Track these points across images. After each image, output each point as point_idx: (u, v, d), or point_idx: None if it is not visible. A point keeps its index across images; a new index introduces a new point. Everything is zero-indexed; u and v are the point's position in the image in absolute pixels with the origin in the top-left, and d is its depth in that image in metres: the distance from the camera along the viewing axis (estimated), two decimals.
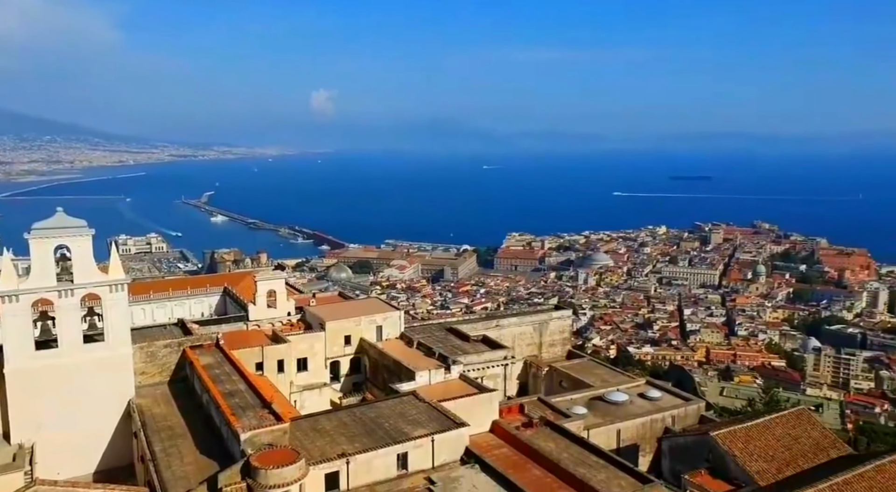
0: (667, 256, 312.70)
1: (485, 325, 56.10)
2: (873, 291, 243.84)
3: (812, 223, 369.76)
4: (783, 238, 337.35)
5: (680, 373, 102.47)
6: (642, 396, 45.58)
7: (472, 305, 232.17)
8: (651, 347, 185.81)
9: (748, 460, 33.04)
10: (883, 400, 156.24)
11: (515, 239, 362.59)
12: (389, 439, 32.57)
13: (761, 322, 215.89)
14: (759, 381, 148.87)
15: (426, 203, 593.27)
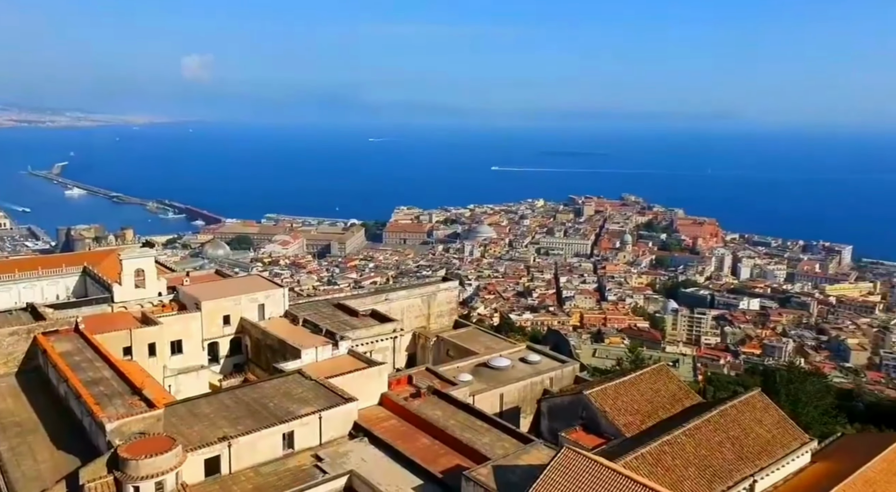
0: (545, 227, 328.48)
1: (374, 299, 55.91)
2: (720, 257, 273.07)
3: (671, 195, 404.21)
4: (647, 209, 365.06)
5: (557, 337, 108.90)
6: (523, 360, 47.88)
7: (360, 279, 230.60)
8: (531, 314, 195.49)
9: (617, 415, 35.94)
10: (726, 353, 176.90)
11: (404, 213, 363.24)
12: (274, 418, 31.71)
13: (628, 287, 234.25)
14: (627, 341, 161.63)
15: (310, 176, 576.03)
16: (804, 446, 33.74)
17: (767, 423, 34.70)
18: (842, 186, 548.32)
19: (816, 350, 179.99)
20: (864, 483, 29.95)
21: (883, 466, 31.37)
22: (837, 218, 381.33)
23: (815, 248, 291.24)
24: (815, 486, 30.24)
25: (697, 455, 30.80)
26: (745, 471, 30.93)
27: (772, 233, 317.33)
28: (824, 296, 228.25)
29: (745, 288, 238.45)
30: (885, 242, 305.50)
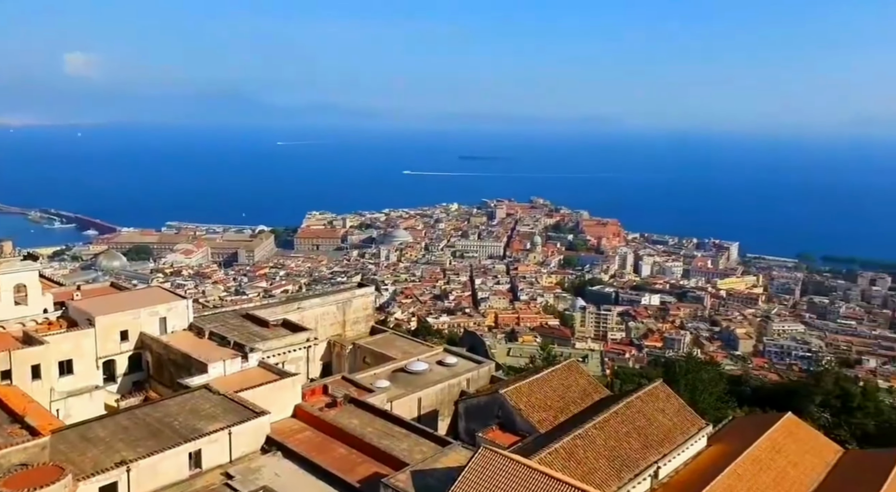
0: (459, 230, 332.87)
1: (285, 308, 54.14)
2: (623, 255, 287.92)
3: (577, 198, 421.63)
4: (555, 211, 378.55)
5: (473, 338, 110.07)
6: (440, 363, 48.10)
7: (271, 288, 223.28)
8: (447, 317, 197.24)
9: (531, 412, 36.89)
10: (631, 347, 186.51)
11: (316, 218, 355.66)
12: (179, 438, 29.92)
13: (539, 287, 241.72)
14: (539, 339, 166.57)
15: (215, 182, 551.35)
16: (701, 431, 36.13)
17: (669, 411, 36.87)
18: (728, 187, 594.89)
19: (710, 340, 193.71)
20: (753, 461, 32.51)
21: (768, 444, 34.21)
22: (725, 216, 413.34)
23: (707, 245, 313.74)
24: (712, 467, 32.43)
25: (607, 447, 32.19)
26: (650, 458, 32.67)
27: (668, 232, 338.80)
28: (716, 290, 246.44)
29: (647, 284, 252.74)
30: (766, 238, 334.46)
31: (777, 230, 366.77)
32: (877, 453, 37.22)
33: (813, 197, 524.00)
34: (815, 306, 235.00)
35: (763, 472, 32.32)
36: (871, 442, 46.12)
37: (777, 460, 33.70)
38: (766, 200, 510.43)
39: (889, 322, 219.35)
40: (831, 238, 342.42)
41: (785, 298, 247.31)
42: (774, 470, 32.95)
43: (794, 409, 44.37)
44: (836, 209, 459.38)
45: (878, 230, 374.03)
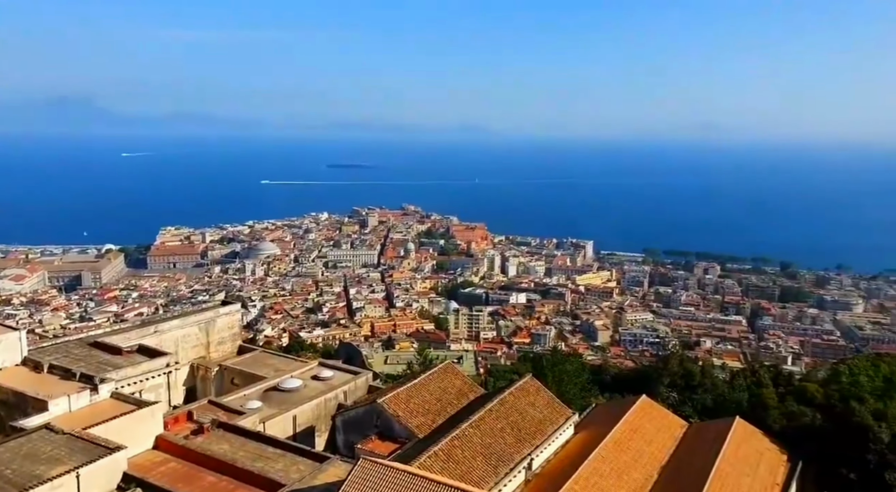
0: (331, 240, 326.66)
1: (140, 333, 49.64)
2: (491, 258, 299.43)
3: (446, 204, 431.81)
4: (426, 218, 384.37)
5: (349, 349, 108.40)
6: (316, 378, 46.76)
7: (122, 312, 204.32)
8: (322, 330, 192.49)
9: (409, 418, 37.03)
10: (502, 345, 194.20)
11: (171, 234, 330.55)
12: (12, 488, 26.27)
13: (414, 293, 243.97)
14: (415, 345, 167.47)
15: (50, 198, 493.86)
16: (569, 421, 38.45)
17: (539, 404, 38.81)
18: (584, 189, 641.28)
19: (573, 334, 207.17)
20: (615, 443, 35.21)
21: (626, 426, 37.24)
22: (581, 217, 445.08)
23: (566, 244, 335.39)
24: (579, 453, 34.64)
25: (483, 444, 33.17)
26: (524, 451, 34.16)
27: (531, 233, 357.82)
28: (575, 286, 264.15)
29: (514, 284, 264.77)
30: (617, 236, 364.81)
31: (625, 228, 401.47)
32: (715, 423, 41.92)
33: (654, 197, 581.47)
34: (660, 296, 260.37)
35: (623, 452, 35.10)
36: (709, 414, 51.75)
37: (635, 440, 36.77)
38: (614, 200, 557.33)
39: (720, 306, 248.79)
40: (670, 233, 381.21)
41: (635, 291, 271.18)
42: (633, 449, 35.92)
43: (647, 391, 48.70)
44: (673, 207, 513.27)
45: (709, 225, 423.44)
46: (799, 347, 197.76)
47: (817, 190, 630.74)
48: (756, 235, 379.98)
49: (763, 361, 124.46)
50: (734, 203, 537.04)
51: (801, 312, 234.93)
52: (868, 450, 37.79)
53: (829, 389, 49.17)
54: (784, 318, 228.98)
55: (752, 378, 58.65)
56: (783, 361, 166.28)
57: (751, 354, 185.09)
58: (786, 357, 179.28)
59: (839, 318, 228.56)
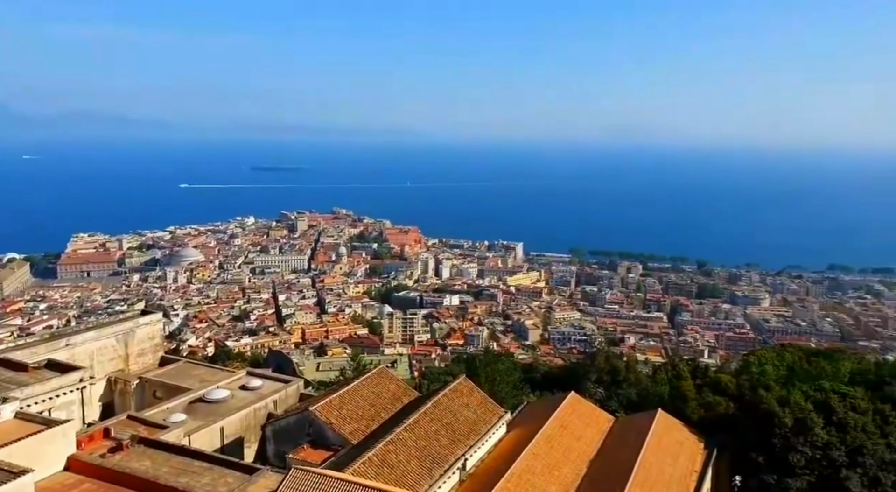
0: (258, 245, 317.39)
1: (49, 347, 46.43)
2: (425, 261, 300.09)
3: (379, 207, 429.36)
4: (358, 221, 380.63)
5: (279, 357, 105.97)
6: (244, 387, 45.36)
7: (28, 325, 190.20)
8: (250, 338, 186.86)
9: (343, 425, 36.58)
10: (436, 347, 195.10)
11: (84, 241, 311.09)
12: None
13: (346, 298, 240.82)
14: (349, 350, 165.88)
15: None
16: (501, 420, 39.15)
17: (473, 405, 39.29)
18: (513, 191, 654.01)
19: (504, 333, 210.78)
20: (546, 440, 36.15)
21: (556, 423, 38.32)
22: (511, 218, 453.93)
23: (497, 246, 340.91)
24: (512, 451, 35.34)
25: (418, 447, 33.23)
26: (458, 452, 34.48)
27: (463, 236, 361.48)
28: (507, 286, 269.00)
29: (447, 286, 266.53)
30: (546, 237, 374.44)
31: (552, 229, 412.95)
32: (639, 417, 43.83)
33: (579, 199, 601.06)
34: (587, 295, 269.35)
35: (554, 448, 36.10)
36: (634, 408, 54.06)
37: (565, 436, 37.89)
38: (542, 202, 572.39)
39: (643, 304, 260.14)
40: (595, 234, 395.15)
41: (563, 290, 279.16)
42: (563, 445, 37.01)
43: (575, 388, 50.28)
44: (596, 209, 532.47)
45: (630, 225, 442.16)
46: (714, 341, 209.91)
47: (730, 192, 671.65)
48: (675, 235, 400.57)
49: (682, 356, 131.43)
50: (654, 204, 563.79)
51: (716, 307, 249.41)
52: (774, 434, 40.62)
53: (741, 379, 52.50)
54: (701, 313, 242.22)
55: (673, 372, 61.64)
56: (700, 354, 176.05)
57: (671, 349, 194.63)
58: (703, 351, 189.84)
59: (749, 312, 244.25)
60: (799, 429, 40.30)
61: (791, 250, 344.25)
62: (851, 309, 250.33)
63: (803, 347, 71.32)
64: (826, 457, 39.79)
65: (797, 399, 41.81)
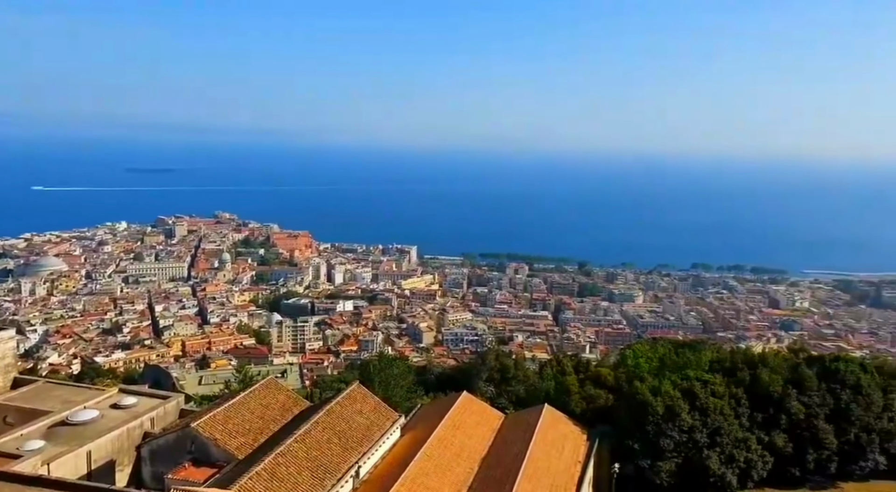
0: (131, 253, 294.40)
1: None
2: (316, 266, 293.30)
3: (266, 211, 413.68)
4: (243, 226, 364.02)
5: (156, 372, 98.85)
6: (116, 406, 41.78)
7: None
8: (123, 352, 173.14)
9: (228, 440, 34.77)
10: (329, 354, 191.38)
11: None
12: None
13: (231, 307, 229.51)
14: (234, 362, 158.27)
15: None
16: (395, 424, 39.09)
17: (366, 411, 38.88)
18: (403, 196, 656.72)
19: (399, 337, 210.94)
20: (439, 441, 36.59)
21: (449, 423, 38.92)
22: (405, 222, 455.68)
23: (391, 250, 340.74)
24: (405, 455, 35.41)
25: (309, 458, 32.33)
26: (351, 460, 33.96)
27: (357, 240, 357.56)
28: (401, 290, 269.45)
29: (340, 292, 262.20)
30: (439, 240, 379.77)
31: (444, 233, 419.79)
32: (527, 412, 45.60)
33: (466, 203, 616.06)
34: (478, 296, 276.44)
35: (447, 449, 36.62)
36: (523, 403, 56.15)
37: (457, 436, 38.55)
38: (434, 206, 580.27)
39: (529, 303, 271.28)
40: (484, 237, 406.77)
41: (456, 292, 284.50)
42: (456, 445, 37.64)
43: (467, 387, 51.40)
44: (483, 213, 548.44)
45: (515, 229, 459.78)
46: (594, 337, 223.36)
47: (607, 196, 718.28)
48: (558, 237, 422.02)
49: (566, 352, 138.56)
50: (539, 208, 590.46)
51: (596, 305, 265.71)
52: (647, 422, 43.95)
53: (618, 372, 56.35)
54: (582, 311, 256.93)
55: (558, 368, 64.81)
56: (582, 349, 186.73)
57: (556, 346, 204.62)
58: (584, 346, 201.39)
59: (625, 308, 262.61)
60: (669, 415, 43.88)
61: (661, 250, 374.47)
62: (711, 303, 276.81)
63: (672, 340, 77.75)
64: (691, 439, 43.64)
65: (667, 388, 45.49)
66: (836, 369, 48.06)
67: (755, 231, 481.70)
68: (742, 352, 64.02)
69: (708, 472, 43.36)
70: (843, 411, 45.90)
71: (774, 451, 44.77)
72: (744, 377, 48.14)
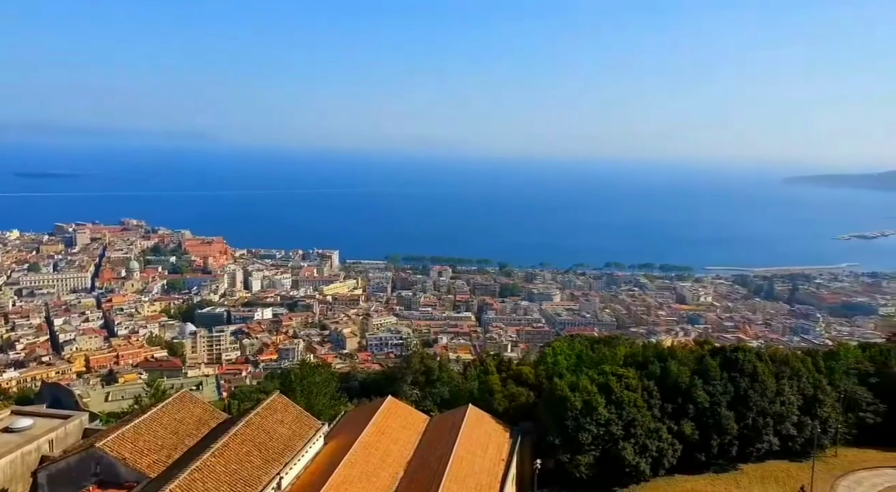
0: (25, 263, 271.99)
1: None
2: (232, 273, 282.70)
3: (177, 216, 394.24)
4: (152, 233, 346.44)
5: (56, 390, 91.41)
6: (8, 430, 38.48)
7: None
8: (16, 371, 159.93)
9: (139, 458, 32.87)
10: (247, 364, 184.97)
11: None
12: None
13: (140, 318, 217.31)
14: (144, 375, 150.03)
15: None
16: (318, 432, 38.34)
17: (288, 421, 37.89)
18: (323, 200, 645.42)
19: (321, 344, 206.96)
20: (363, 448, 36.24)
21: (374, 429, 38.64)
22: (324, 227, 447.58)
23: (312, 255, 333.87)
24: (329, 463, 34.81)
25: (228, 472, 31.11)
26: (272, 472, 32.98)
27: (276, 245, 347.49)
28: (323, 296, 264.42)
29: (258, 300, 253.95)
30: (361, 244, 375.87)
31: (366, 236, 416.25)
32: (451, 413, 46.00)
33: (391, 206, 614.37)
34: (402, 299, 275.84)
35: (372, 454, 36.32)
36: (448, 405, 56.58)
37: (382, 441, 38.33)
38: (356, 209, 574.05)
39: (453, 305, 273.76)
40: (408, 240, 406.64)
41: (380, 296, 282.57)
42: (381, 450, 37.40)
43: (392, 392, 51.19)
44: (409, 216, 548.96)
45: (439, 230, 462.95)
46: (516, 336, 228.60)
47: (526, 199, 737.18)
48: (480, 239, 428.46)
49: (489, 351, 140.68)
50: (462, 211, 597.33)
51: (517, 304, 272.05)
52: (567, 417, 45.49)
53: (539, 369, 57.94)
54: (504, 311, 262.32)
55: (481, 367, 65.75)
56: (505, 348, 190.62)
57: (479, 346, 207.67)
58: (506, 345, 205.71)
59: (544, 307, 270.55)
60: (586, 410, 45.61)
61: (577, 250, 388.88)
62: (624, 300, 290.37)
63: (588, 337, 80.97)
64: (608, 432, 45.57)
65: (584, 383, 47.28)
66: (736, 358, 51.62)
67: (663, 231, 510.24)
68: (653, 346, 67.54)
69: (623, 462, 45.40)
70: (743, 398, 49.38)
71: (683, 439, 47.50)
72: (655, 370, 50.77)
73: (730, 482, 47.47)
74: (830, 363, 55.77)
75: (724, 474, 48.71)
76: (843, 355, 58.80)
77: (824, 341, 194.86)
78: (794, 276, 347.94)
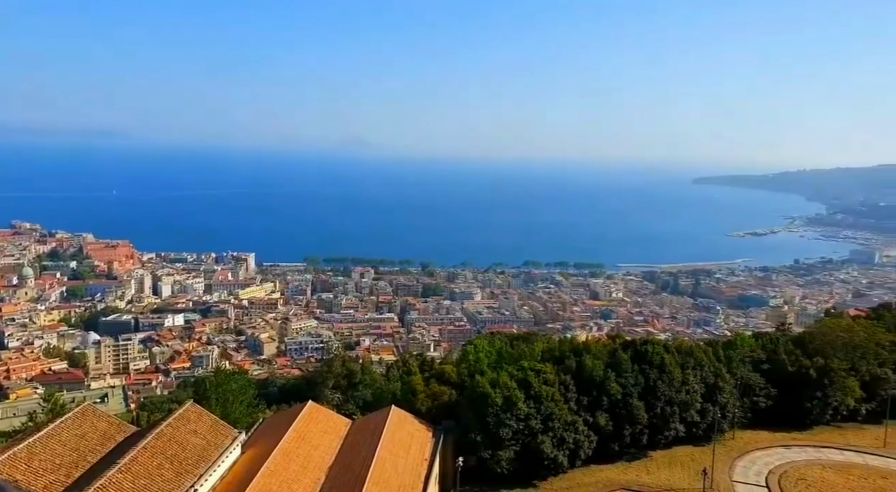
0: None
1: None
2: (139, 278, 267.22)
3: (76, 219, 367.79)
4: (49, 237, 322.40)
5: None
6: None
7: None
8: None
9: (33, 479, 30.45)
10: (157, 373, 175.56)
11: None
12: None
13: (36, 328, 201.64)
14: (41, 390, 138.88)
15: None
16: (235, 441, 37.05)
17: (202, 430, 36.35)
18: (238, 200, 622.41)
19: (237, 350, 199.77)
20: (283, 455, 35.39)
21: (294, 435, 37.80)
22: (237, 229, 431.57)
23: (226, 258, 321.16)
24: (247, 472, 33.74)
25: (137, 487, 29.50)
26: (185, 484, 31.56)
27: (186, 249, 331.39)
28: (238, 300, 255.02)
29: (168, 306, 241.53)
30: (278, 247, 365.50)
31: (283, 238, 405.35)
32: (374, 416, 45.79)
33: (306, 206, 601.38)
34: (323, 302, 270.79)
35: (292, 462, 35.52)
36: (370, 407, 56.37)
37: (303, 447, 37.56)
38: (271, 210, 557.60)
39: (376, 306, 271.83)
40: (328, 242, 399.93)
41: (299, 299, 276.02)
42: (302, 457, 36.64)
43: (313, 396, 50.29)
44: (328, 216, 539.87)
45: (362, 231, 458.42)
46: (438, 335, 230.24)
47: (446, 199, 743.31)
48: (402, 240, 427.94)
49: (412, 352, 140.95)
50: (383, 211, 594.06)
51: (439, 304, 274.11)
52: (488, 413, 46.43)
53: (461, 367, 58.75)
54: (426, 311, 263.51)
55: (404, 368, 65.91)
56: (427, 348, 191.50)
57: (402, 347, 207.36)
58: (429, 345, 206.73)
59: (465, 306, 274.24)
60: (507, 406, 46.75)
61: (496, 250, 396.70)
62: (541, 297, 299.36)
63: (508, 334, 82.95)
64: (527, 427, 46.91)
65: (504, 380, 48.42)
66: (646, 351, 54.60)
67: (577, 230, 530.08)
68: (569, 341, 70.14)
69: (542, 456, 46.89)
70: (652, 389, 52.30)
71: (598, 430, 49.70)
72: (571, 365, 52.79)
73: (640, 469, 50.12)
74: (729, 352, 60.07)
75: (635, 461, 51.36)
76: (739, 345, 63.51)
77: (724, 332, 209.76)
78: (696, 271, 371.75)
